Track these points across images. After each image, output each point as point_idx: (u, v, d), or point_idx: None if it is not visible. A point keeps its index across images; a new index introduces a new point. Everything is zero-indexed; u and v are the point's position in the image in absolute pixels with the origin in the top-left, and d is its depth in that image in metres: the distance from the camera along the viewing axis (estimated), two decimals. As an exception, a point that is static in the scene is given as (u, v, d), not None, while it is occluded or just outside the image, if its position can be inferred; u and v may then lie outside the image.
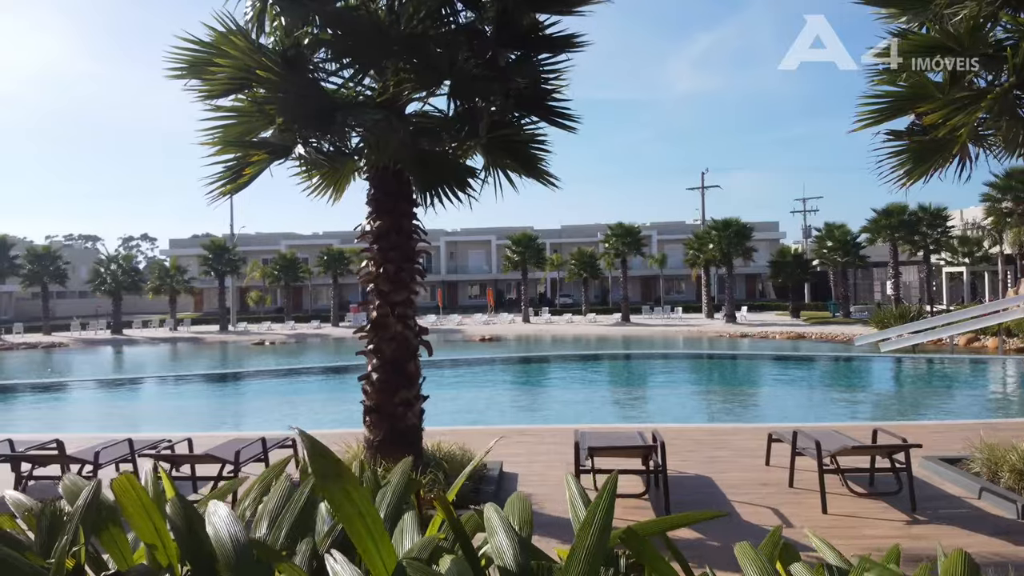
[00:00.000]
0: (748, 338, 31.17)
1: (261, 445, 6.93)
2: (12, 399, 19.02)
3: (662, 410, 13.92)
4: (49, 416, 15.87)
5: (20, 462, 6.73)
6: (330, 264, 45.86)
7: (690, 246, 41.05)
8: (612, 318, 42.99)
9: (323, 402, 16.52)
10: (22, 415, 16.33)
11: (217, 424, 13.23)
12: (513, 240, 44.05)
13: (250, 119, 6.33)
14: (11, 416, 15.96)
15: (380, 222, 6.15)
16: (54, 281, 42.54)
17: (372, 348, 6.19)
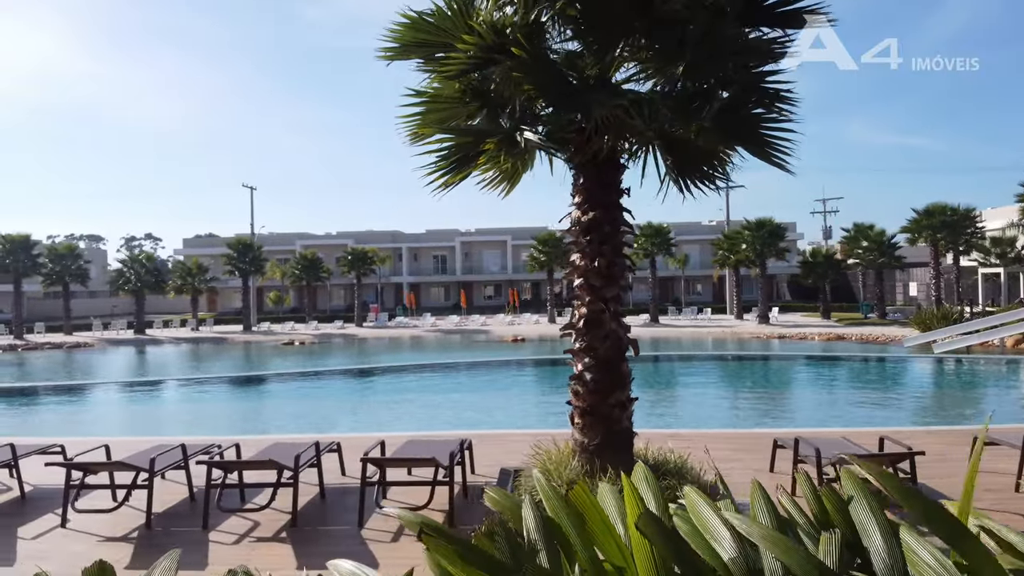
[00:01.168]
0: (785, 339, 30.89)
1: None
2: (59, 400, 18.63)
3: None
4: (98, 419, 15.46)
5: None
6: (354, 264, 45.40)
7: (719, 246, 40.73)
8: (639, 319, 42.62)
9: (425, 404, 16.10)
10: (68, 419, 15.90)
11: (310, 426, 12.87)
12: (539, 240, 43.65)
13: (452, 106, 5.99)
14: (57, 419, 15.54)
15: (593, 213, 5.78)
16: (75, 281, 42.01)
17: (584, 347, 5.82)
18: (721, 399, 16.28)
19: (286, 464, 5.88)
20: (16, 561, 5.28)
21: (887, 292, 50.92)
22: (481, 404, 15.77)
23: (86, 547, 5.46)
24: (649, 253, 40.36)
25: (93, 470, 6.33)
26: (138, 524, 5.90)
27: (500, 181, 6.61)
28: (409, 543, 5.28)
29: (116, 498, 6.28)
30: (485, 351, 29.00)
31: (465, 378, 21.45)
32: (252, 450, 7.23)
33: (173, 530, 5.89)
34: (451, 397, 17.16)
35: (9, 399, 18.68)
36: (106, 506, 6.09)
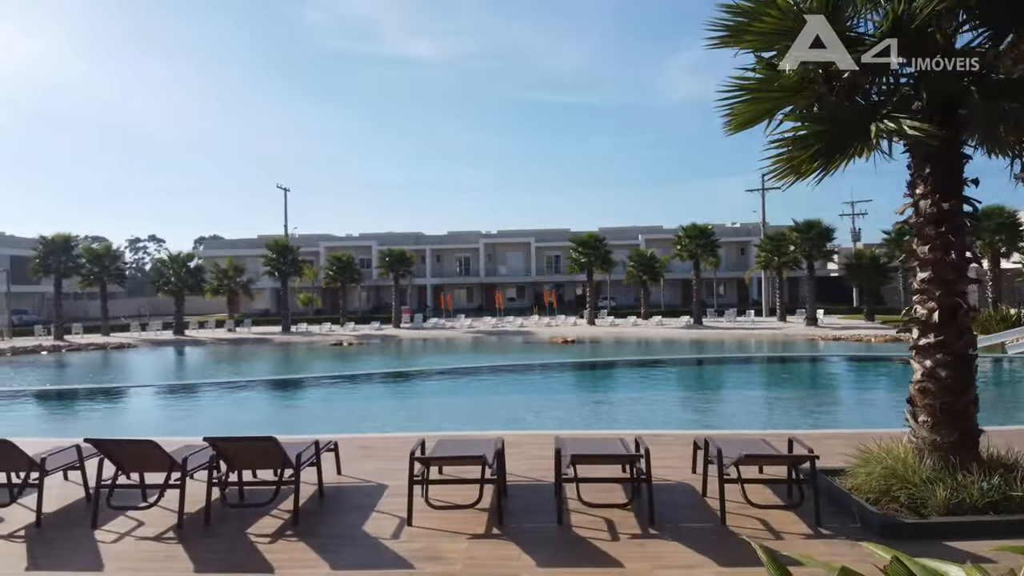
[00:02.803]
0: (841, 341, 30.82)
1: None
2: (170, 398, 18.36)
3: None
4: (224, 418, 15.19)
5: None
6: (392, 265, 45.13)
7: (763, 248, 40.64)
8: (679, 321, 42.51)
9: (523, 403, 15.85)
10: (175, 415, 15.70)
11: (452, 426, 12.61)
12: (578, 242, 43.45)
13: (782, 96, 5.82)
14: (191, 418, 15.31)
15: (946, 204, 5.60)
16: (113, 282, 41.63)
17: (936, 343, 5.63)
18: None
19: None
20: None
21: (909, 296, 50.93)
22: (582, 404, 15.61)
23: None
24: (693, 255, 40.17)
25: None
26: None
27: (787, 173, 6.45)
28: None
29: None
30: (549, 353, 28.78)
31: (557, 378, 21.38)
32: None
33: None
34: (557, 397, 16.99)
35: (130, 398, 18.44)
36: None
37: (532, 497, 6.38)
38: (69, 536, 5.74)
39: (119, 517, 6.13)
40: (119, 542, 5.55)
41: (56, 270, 38.31)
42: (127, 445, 6.21)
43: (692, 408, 15.16)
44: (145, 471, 6.18)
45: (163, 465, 5.93)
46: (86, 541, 5.58)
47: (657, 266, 45.80)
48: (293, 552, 5.25)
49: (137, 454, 6.11)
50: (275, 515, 6.11)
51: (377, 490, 6.76)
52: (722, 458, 5.65)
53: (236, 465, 6.20)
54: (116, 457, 6.07)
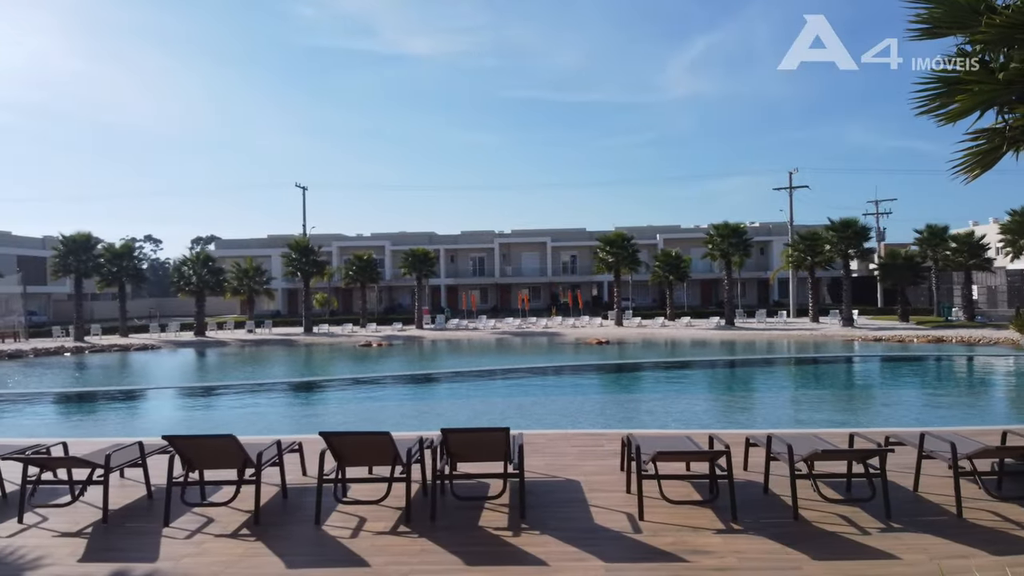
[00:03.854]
0: (882, 342, 31.00)
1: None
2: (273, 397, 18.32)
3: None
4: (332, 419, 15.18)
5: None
6: (415, 265, 45.12)
7: (795, 247, 40.82)
8: (709, 322, 42.63)
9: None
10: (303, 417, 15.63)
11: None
12: (605, 240, 43.48)
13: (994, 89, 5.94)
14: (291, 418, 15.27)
15: None
16: (132, 281, 41.52)
17: None
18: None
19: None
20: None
21: (944, 295, 51.31)
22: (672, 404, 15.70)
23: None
24: (725, 254, 40.29)
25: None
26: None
27: (976, 166, 6.59)
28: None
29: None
30: (599, 355, 28.85)
31: (619, 378, 21.48)
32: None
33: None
34: (645, 397, 17.07)
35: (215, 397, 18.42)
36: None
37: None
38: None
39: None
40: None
41: (76, 269, 38.16)
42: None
43: (797, 407, 15.29)
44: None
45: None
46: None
47: (683, 266, 46.00)
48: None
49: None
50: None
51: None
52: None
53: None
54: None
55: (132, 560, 5.18)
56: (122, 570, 5.01)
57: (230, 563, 5.09)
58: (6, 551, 5.42)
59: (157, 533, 5.75)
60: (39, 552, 5.36)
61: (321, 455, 6.02)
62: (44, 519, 6.16)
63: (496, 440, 5.97)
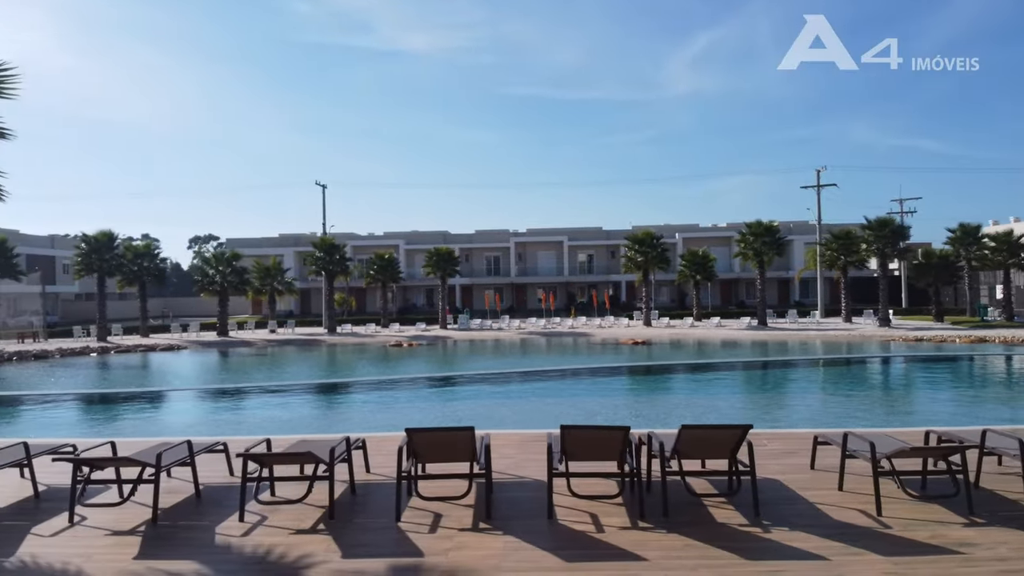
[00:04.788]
0: (923, 342, 31.18)
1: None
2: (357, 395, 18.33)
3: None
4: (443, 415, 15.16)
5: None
6: (438, 264, 45.13)
7: (828, 247, 41.01)
8: (740, 322, 42.74)
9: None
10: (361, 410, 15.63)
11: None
12: (634, 239, 43.49)
13: None
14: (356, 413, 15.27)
15: None
16: (153, 281, 41.40)
17: None
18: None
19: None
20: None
21: (972, 295, 51.60)
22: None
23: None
24: (759, 253, 40.42)
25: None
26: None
27: None
28: None
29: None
30: (641, 355, 28.93)
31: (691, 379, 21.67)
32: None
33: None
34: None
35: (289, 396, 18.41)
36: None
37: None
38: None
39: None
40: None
41: (100, 268, 38.02)
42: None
43: (886, 406, 15.44)
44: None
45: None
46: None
47: (710, 265, 46.17)
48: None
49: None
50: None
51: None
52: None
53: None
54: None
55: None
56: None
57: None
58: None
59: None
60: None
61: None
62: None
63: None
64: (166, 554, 5.33)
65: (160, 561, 5.18)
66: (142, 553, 5.36)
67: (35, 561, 5.22)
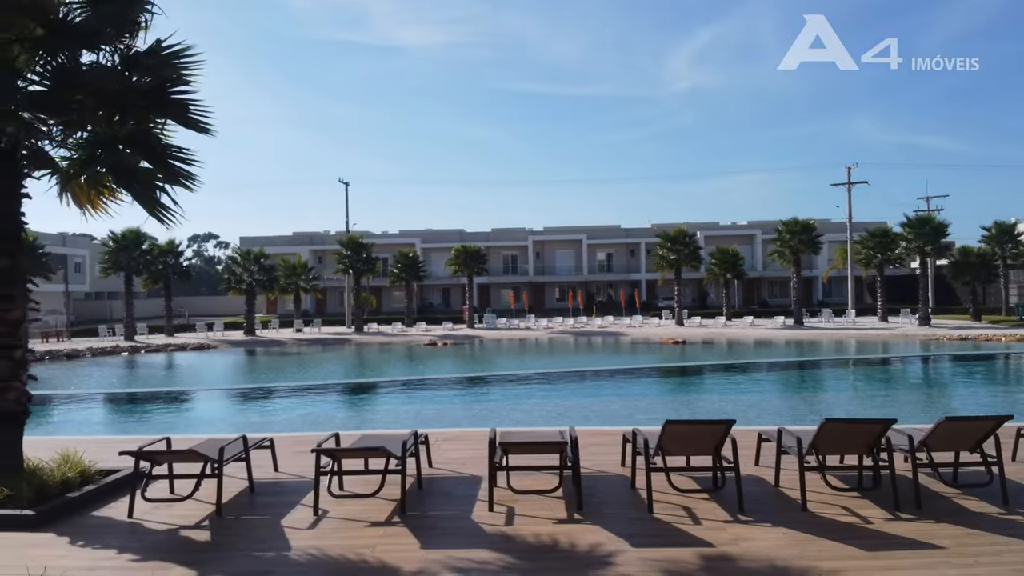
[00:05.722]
0: (967, 341, 31.42)
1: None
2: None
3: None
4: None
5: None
6: (465, 263, 45.18)
7: (864, 245, 41.28)
8: (774, 322, 42.93)
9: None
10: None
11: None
12: (666, 237, 43.64)
13: None
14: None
15: None
16: (179, 280, 41.37)
17: None
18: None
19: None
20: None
21: (994, 295, 51.90)
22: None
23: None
24: (796, 251, 40.59)
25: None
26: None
27: None
28: None
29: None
30: (694, 355, 29.10)
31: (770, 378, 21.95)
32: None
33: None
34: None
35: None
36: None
37: None
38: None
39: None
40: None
41: (127, 267, 37.95)
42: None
43: None
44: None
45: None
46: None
47: (739, 263, 46.37)
48: None
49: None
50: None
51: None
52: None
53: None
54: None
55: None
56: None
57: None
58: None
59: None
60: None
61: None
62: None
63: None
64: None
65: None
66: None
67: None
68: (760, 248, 63.08)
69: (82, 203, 8.13)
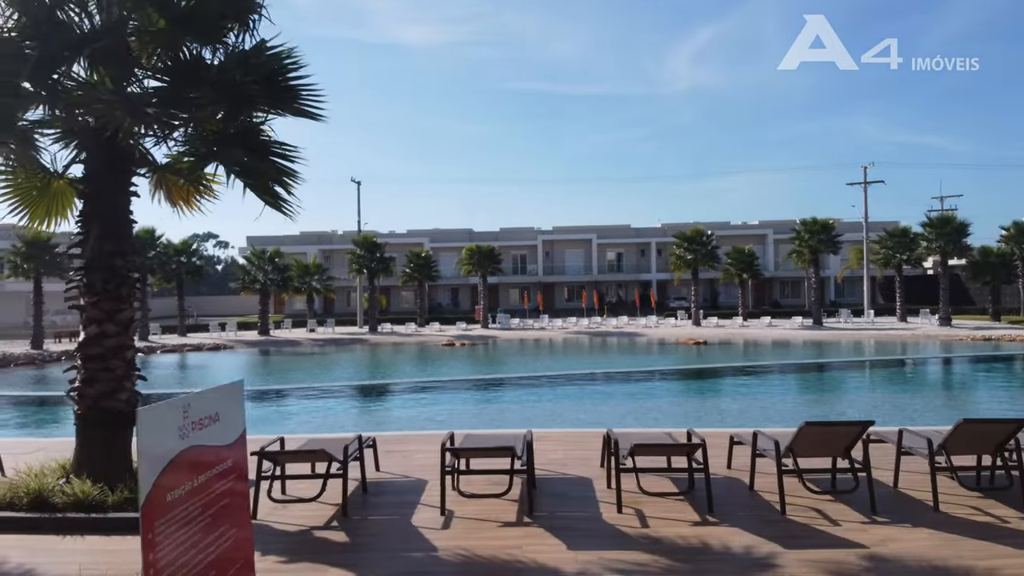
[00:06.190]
0: (991, 341, 31.48)
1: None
2: None
3: None
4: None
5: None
6: (480, 263, 45.16)
7: (883, 244, 41.36)
8: (792, 322, 42.94)
9: None
10: None
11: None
12: (683, 237, 43.68)
13: None
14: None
15: None
16: (193, 279, 41.31)
17: None
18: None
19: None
20: None
21: (1009, 295, 51.93)
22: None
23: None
24: (815, 251, 40.64)
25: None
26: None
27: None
28: None
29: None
30: (726, 356, 29.12)
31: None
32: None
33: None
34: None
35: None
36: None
37: None
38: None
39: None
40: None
41: (142, 266, 37.86)
42: None
43: None
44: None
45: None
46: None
47: (756, 263, 46.38)
48: None
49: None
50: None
51: None
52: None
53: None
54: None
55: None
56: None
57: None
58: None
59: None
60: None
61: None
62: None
63: None
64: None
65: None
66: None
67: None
68: (772, 248, 63.15)
69: (175, 200, 8.13)
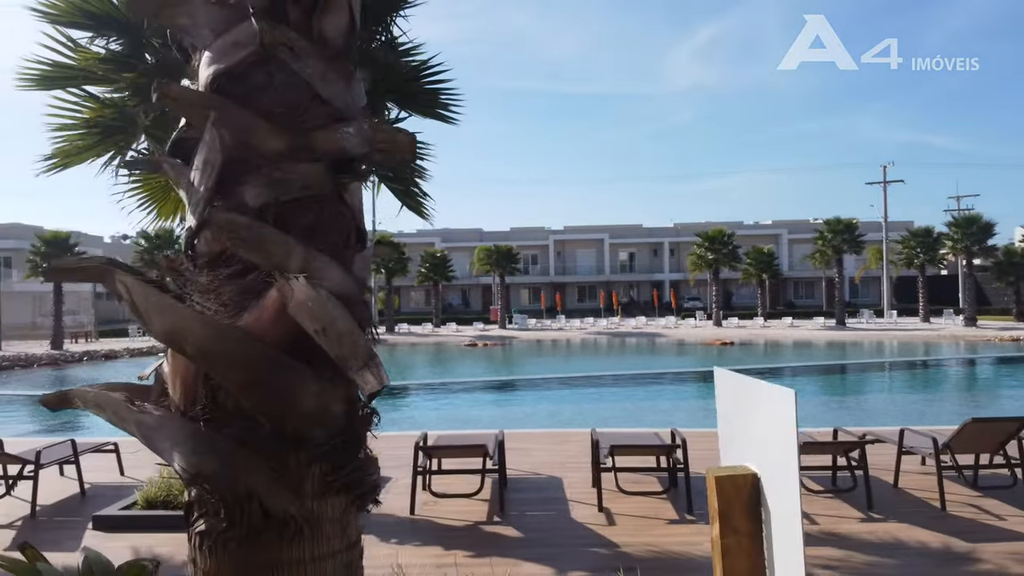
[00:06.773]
0: (1022, 342, 31.64)
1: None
2: None
3: None
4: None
5: None
6: (498, 262, 45.16)
7: (906, 244, 41.50)
8: (814, 323, 43.04)
9: None
10: None
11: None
12: (705, 237, 43.65)
13: None
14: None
15: None
16: (208, 278, 41.22)
17: None
18: None
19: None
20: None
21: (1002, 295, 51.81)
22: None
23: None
24: (839, 251, 40.76)
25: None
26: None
27: None
28: None
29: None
30: (756, 357, 29.20)
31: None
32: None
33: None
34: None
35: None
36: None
37: None
38: None
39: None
40: None
41: (158, 265, 37.82)
42: None
43: None
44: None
45: None
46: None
47: (775, 263, 46.47)
48: None
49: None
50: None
51: None
52: None
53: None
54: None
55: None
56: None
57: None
58: None
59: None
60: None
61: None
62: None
63: None
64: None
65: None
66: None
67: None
68: (786, 248, 63.23)
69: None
